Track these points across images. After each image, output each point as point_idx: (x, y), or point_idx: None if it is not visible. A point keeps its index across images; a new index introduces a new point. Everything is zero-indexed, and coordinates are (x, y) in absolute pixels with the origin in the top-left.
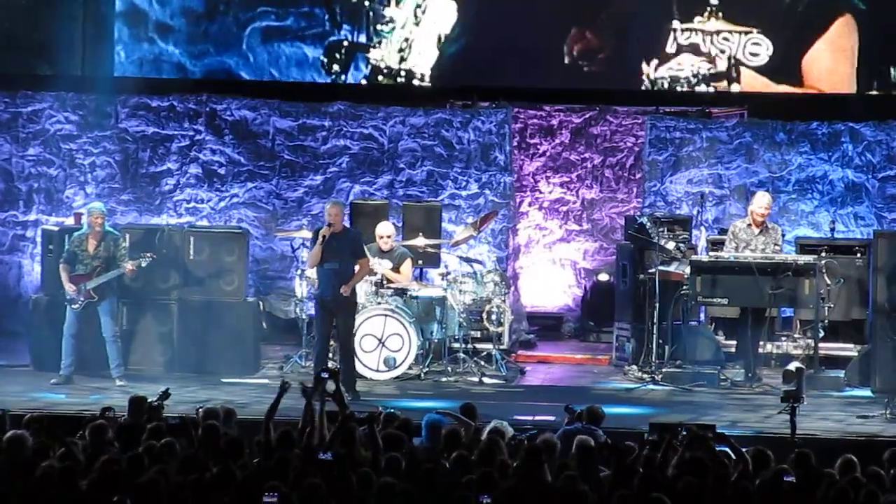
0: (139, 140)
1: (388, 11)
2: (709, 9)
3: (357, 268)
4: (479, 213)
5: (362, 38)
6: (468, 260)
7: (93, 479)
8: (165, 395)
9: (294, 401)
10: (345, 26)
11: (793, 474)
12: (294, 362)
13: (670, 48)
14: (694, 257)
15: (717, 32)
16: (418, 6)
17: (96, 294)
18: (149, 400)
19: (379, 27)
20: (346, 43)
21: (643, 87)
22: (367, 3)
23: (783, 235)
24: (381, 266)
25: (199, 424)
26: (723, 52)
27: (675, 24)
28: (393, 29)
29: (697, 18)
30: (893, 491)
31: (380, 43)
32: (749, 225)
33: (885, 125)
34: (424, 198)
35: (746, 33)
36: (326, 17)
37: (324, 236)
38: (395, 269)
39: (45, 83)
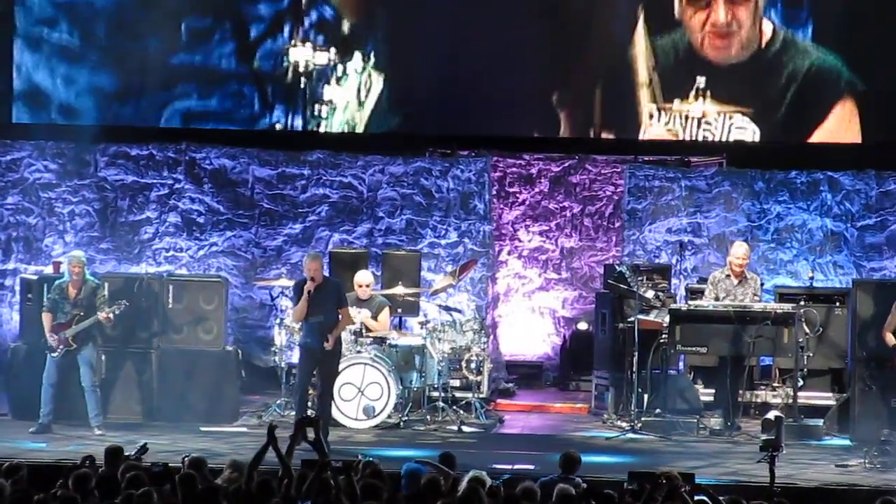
0: (118, 188)
1: (329, 92)
2: (695, 90)
3: (340, 317)
4: (459, 262)
5: (298, 123)
6: (447, 308)
7: None
8: (143, 449)
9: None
10: (277, 108)
11: None
12: (273, 411)
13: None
14: (673, 306)
15: (702, 117)
16: (364, 84)
17: (75, 342)
18: (126, 453)
19: (318, 109)
20: (278, 127)
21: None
22: (303, 82)
23: (762, 284)
24: (360, 315)
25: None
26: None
27: (652, 109)
28: (333, 111)
29: (677, 101)
30: None
31: (318, 126)
32: (728, 275)
33: (864, 174)
34: (404, 246)
35: (730, 115)
36: (256, 96)
37: (309, 291)
38: (374, 317)
39: (24, 132)
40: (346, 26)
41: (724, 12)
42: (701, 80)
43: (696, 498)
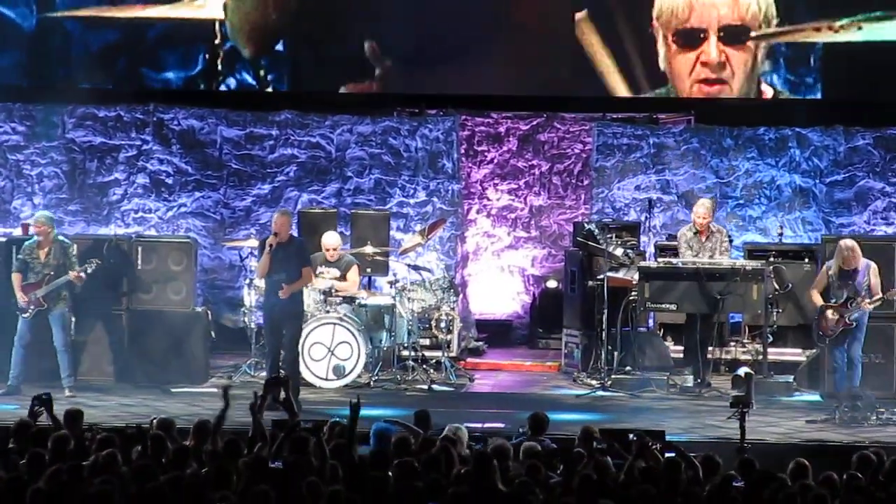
0: (86, 150)
1: None
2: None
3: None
4: (428, 221)
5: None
6: (417, 268)
7: (38, 489)
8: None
9: (244, 413)
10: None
11: (741, 479)
12: (243, 371)
13: None
14: (642, 263)
15: None
16: None
17: (46, 302)
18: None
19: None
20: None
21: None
22: None
23: (730, 239)
24: (329, 275)
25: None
26: None
27: None
28: None
29: None
30: (846, 496)
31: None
32: (696, 232)
33: (832, 130)
34: (372, 206)
35: None
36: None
37: (270, 245)
38: (342, 276)
39: None
40: None
41: (715, 51)
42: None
43: (667, 455)
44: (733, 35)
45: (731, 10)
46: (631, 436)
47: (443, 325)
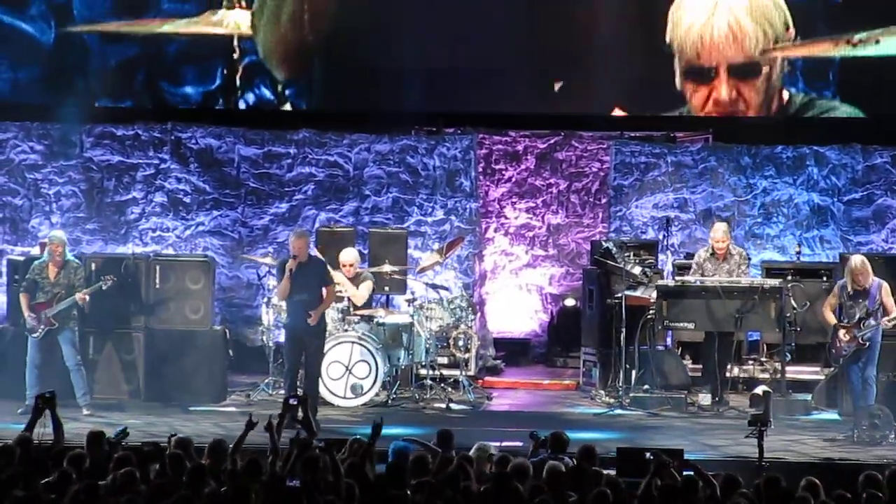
0: (104, 169)
1: None
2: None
3: (324, 296)
4: (445, 240)
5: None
6: (435, 286)
7: None
8: (124, 433)
9: (261, 432)
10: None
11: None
12: (261, 390)
13: None
14: (660, 282)
15: None
16: None
17: (56, 321)
18: (107, 436)
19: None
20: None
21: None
22: None
23: (749, 259)
24: (346, 288)
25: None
26: None
27: None
28: None
29: None
30: None
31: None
32: (712, 254)
33: (850, 148)
34: (390, 224)
35: None
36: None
37: (290, 270)
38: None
39: (10, 112)
40: None
41: (726, 88)
42: None
43: (685, 473)
44: (743, 72)
45: (736, 49)
46: (648, 454)
47: (461, 343)
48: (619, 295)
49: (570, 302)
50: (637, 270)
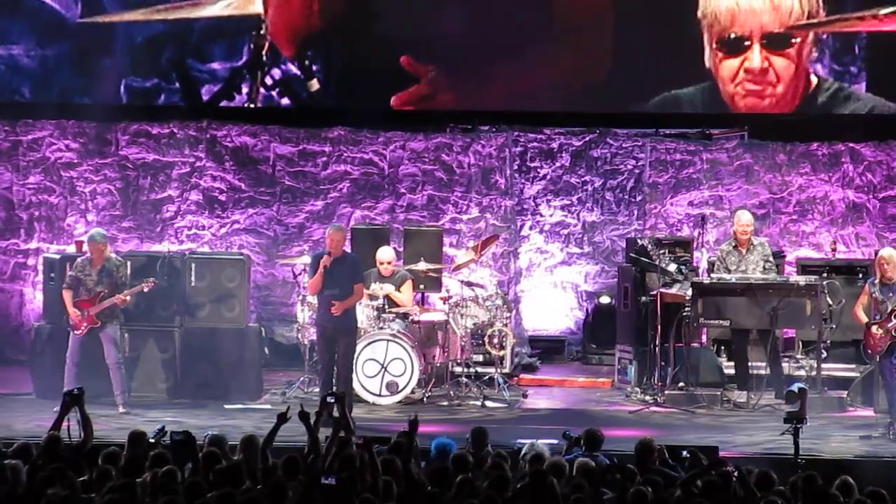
0: (140, 167)
1: None
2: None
3: (354, 291)
4: (480, 237)
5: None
6: (470, 284)
7: None
8: (163, 432)
9: (297, 424)
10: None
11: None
12: (296, 388)
13: None
14: (695, 279)
15: None
16: None
17: (99, 319)
18: (147, 436)
19: None
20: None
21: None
22: None
23: (772, 253)
24: (384, 290)
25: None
26: None
27: None
28: None
29: None
30: None
31: None
32: (735, 246)
33: (885, 145)
34: (425, 222)
35: None
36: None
37: (325, 266)
38: (397, 290)
39: (46, 111)
40: None
41: (759, 58)
42: None
43: (721, 471)
44: (777, 42)
45: (772, 17)
46: (685, 452)
47: (496, 341)
48: (655, 292)
49: (605, 299)
50: (672, 268)
